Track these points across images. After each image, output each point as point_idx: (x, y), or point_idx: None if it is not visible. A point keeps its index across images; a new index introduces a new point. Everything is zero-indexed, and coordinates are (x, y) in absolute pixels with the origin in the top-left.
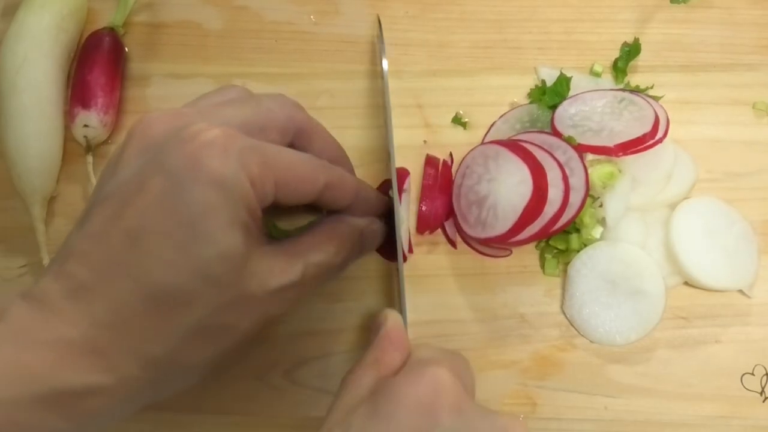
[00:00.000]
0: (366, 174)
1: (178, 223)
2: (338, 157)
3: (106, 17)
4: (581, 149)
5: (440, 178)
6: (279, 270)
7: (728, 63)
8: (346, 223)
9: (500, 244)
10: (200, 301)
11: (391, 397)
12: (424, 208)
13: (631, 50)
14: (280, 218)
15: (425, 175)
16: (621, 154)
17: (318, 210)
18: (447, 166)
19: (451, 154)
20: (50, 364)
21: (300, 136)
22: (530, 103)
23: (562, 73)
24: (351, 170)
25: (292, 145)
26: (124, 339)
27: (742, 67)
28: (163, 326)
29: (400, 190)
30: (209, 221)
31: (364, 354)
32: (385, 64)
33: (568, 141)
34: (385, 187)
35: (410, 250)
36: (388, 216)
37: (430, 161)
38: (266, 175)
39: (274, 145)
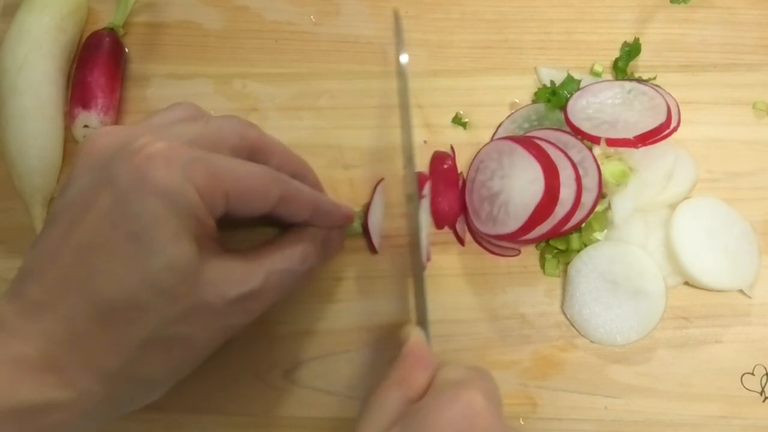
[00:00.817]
0: (366, 174)
1: (124, 236)
2: (299, 172)
3: (106, 18)
4: (608, 143)
5: (449, 173)
6: (238, 279)
7: (728, 63)
8: (310, 231)
9: (510, 242)
10: (152, 313)
11: (424, 422)
12: (441, 203)
13: (631, 50)
14: (237, 231)
15: (437, 172)
16: (640, 145)
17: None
18: (452, 163)
19: (452, 147)
20: (7, 381)
21: (255, 154)
22: (534, 102)
23: (569, 75)
24: (315, 184)
25: None
26: (79, 354)
27: (743, 67)
28: (117, 340)
29: (420, 195)
30: (155, 232)
31: (387, 373)
32: (403, 58)
33: (586, 145)
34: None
35: (428, 258)
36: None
37: (440, 157)
38: (215, 186)
39: (224, 156)
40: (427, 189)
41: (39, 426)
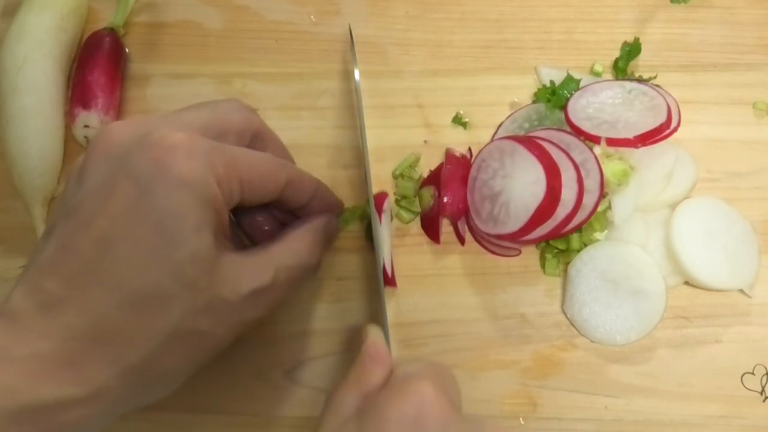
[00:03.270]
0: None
1: (147, 227)
2: (289, 159)
3: (107, 17)
4: (608, 143)
5: (461, 170)
6: (250, 274)
7: (728, 62)
8: (312, 224)
9: (510, 242)
10: (175, 305)
11: (376, 415)
12: (446, 200)
13: (631, 50)
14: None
15: (444, 169)
16: (641, 145)
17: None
18: (466, 160)
19: (470, 149)
20: (24, 379)
21: (256, 140)
22: (534, 102)
23: (569, 75)
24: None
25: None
26: (99, 349)
27: (743, 66)
28: (139, 333)
29: (380, 212)
30: (180, 224)
31: (347, 372)
32: (357, 74)
33: (588, 145)
34: (379, 200)
35: (392, 282)
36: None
37: (449, 156)
38: (232, 175)
39: (234, 146)
40: (386, 205)
41: (56, 423)
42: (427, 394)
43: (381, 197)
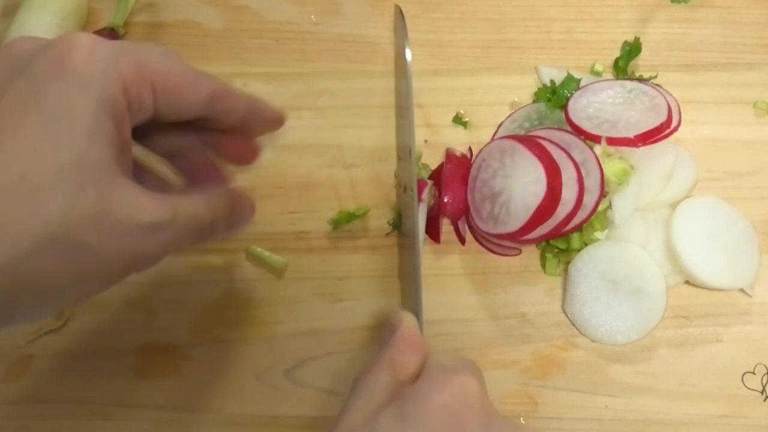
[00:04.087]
0: (366, 174)
1: (34, 123)
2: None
3: (107, 17)
4: (609, 142)
5: (461, 169)
6: (150, 205)
7: (729, 62)
8: (220, 187)
9: (511, 242)
10: (52, 204)
11: (419, 403)
12: (446, 199)
13: (631, 49)
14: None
15: (445, 169)
16: (641, 144)
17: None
18: (466, 159)
19: (470, 149)
20: None
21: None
22: (534, 102)
23: (569, 74)
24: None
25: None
26: None
27: (743, 66)
28: (9, 231)
29: (420, 198)
30: (68, 124)
31: (378, 354)
32: (408, 55)
33: (588, 145)
34: (420, 186)
35: (437, 239)
36: None
37: (449, 155)
38: (143, 78)
39: (153, 46)
40: (425, 194)
41: None
42: (471, 387)
43: (421, 184)
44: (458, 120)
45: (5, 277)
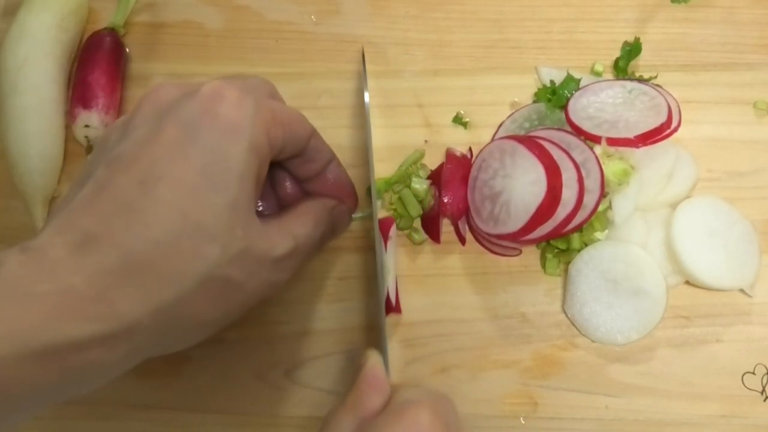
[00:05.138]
0: (366, 174)
1: (192, 170)
2: None
3: (107, 17)
4: (609, 142)
5: (461, 170)
6: (279, 238)
7: (729, 62)
8: (316, 200)
9: (511, 242)
10: (211, 247)
11: None
12: (446, 200)
13: (632, 49)
14: None
15: (445, 169)
16: (642, 144)
17: None
18: (466, 159)
19: (470, 149)
20: (48, 316)
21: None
22: (535, 102)
23: (569, 74)
24: None
25: None
26: (132, 284)
27: (743, 66)
28: (174, 271)
29: (386, 238)
30: (223, 169)
31: (344, 396)
32: (367, 97)
33: (588, 145)
34: (385, 225)
35: (397, 309)
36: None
37: (449, 155)
38: (276, 121)
39: (259, 84)
40: (393, 231)
41: (81, 362)
42: (422, 419)
43: (387, 222)
44: (458, 120)
45: (167, 314)
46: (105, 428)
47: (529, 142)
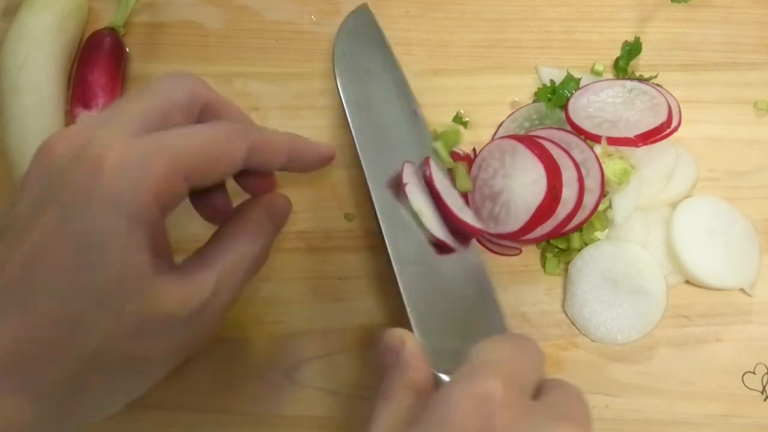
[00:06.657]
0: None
1: (69, 252)
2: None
3: (107, 17)
4: (609, 142)
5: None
6: (189, 292)
7: (729, 62)
8: (249, 208)
9: (511, 242)
10: (91, 332)
11: (441, 419)
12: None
13: (632, 49)
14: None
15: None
16: (642, 144)
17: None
18: (469, 159)
19: (474, 149)
20: None
21: (206, 112)
22: (535, 101)
23: (569, 74)
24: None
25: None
26: (16, 372)
27: (744, 65)
28: (60, 357)
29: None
30: (102, 247)
31: (391, 378)
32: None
33: (588, 144)
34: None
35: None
36: None
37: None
38: (176, 174)
39: (178, 129)
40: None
41: None
42: (494, 395)
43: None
44: (458, 120)
45: (57, 401)
46: (105, 428)
47: (529, 141)
